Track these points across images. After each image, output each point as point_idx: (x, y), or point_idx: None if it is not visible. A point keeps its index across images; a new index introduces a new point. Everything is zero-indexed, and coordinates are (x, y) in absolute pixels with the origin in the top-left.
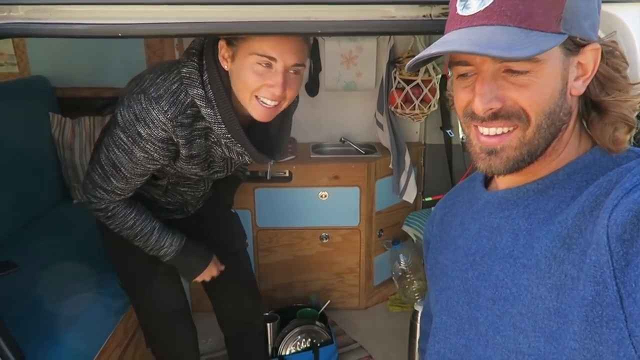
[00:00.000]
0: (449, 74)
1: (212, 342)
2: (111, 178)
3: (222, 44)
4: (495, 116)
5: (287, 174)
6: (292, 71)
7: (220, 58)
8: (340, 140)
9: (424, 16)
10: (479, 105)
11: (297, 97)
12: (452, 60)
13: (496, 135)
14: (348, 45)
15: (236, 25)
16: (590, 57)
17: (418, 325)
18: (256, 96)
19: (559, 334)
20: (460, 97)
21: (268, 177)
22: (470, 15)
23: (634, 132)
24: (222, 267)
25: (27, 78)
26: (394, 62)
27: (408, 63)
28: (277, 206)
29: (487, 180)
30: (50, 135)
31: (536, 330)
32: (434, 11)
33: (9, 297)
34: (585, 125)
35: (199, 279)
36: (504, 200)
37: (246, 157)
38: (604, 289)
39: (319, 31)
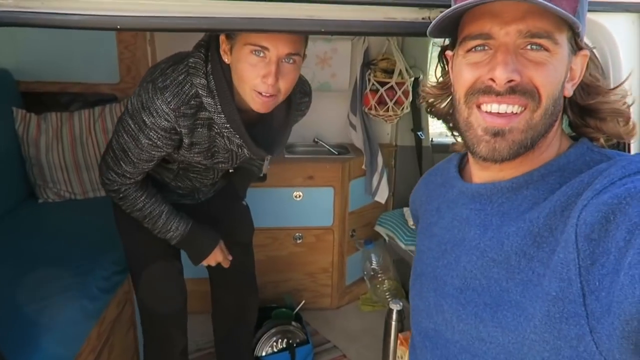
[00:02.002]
0: (449, 55)
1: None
2: (121, 162)
3: (222, 38)
4: (512, 90)
5: (261, 174)
6: (286, 61)
7: (221, 52)
8: (314, 140)
9: (422, 18)
10: (502, 73)
11: (310, 97)
12: (469, 34)
13: (505, 114)
14: (323, 46)
15: (239, 22)
16: (579, 63)
17: (393, 324)
18: (254, 89)
19: (515, 326)
20: (468, 73)
21: (261, 174)
22: None
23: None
24: (230, 257)
25: None
26: (368, 64)
27: (433, 22)
28: (251, 206)
29: (462, 169)
30: (14, 131)
31: (494, 320)
32: (433, 14)
33: None
34: (569, 129)
35: (204, 262)
36: (477, 194)
37: (245, 150)
38: (569, 286)
39: (322, 30)
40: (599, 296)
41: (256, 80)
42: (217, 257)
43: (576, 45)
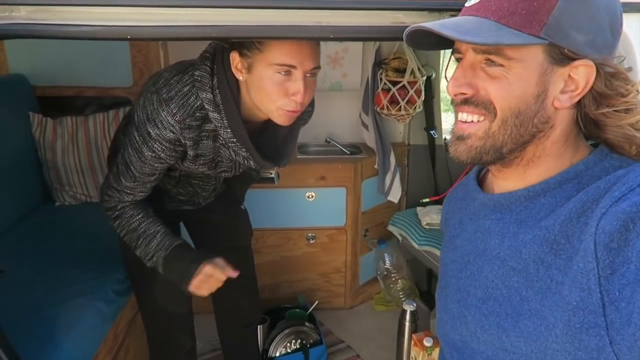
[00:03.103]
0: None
1: (200, 344)
2: (121, 177)
3: (234, 55)
4: (466, 101)
5: (273, 175)
6: (309, 75)
7: (233, 69)
8: (326, 140)
9: None
10: (450, 88)
11: (313, 105)
12: (454, 48)
13: (467, 122)
14: (334, 46)
15: (247, 29)
16: (582, 73)
17: (407, 324)
18: (281, 108)
19: (537, 336)
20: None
21: (276, 183)
22: (469, 6)
23: None
24: (230, 271)
25: (5, 76)
26: (379, 63)
27: (406, 31)
28: (264, 207)
29: (481, 180)
30: (31, 135)
31: (516, 330)
32: (443, 17)
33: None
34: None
35: (192, 288)
36: (497, 203)
37: (251, 162)
38: (589, 296)
39: (331, 36)
40: (619, 307)
41: (284, 98)
42: (210, 282)
43: (566, 56)
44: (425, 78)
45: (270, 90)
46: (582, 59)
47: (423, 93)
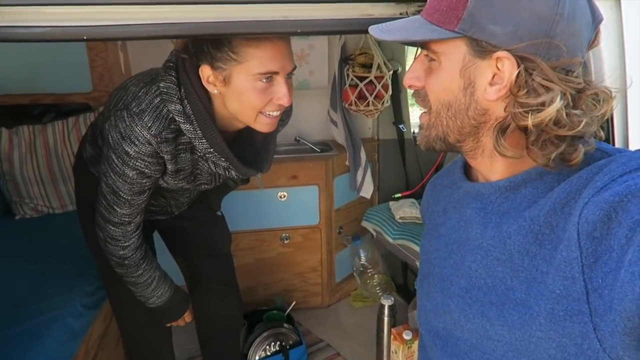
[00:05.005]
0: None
1: (177, 353)
2: (114, 206)
3: (204, 69)
4: (416, 94)
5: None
6: (288, 77)
7: (205, 83)
8: (295, 139)
9: (400, 14)
10: (404, 79)
11: (291, 106)
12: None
13: (422, 112)
14: (300, 43)
15: (211, 26)
16: (505, 66)
17: (386, 319)
18: (261, 112)
19: (521, 324)
20: None
21: (261, 187)
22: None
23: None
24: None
25: None
26: (346, 59)
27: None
28: (237, 209)
29: (468, 169)
30: None
31: (500, 319)
32: (410, 9)
33: None
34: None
35: (174, 323)
36: (479, 193)
37: (232, 172)
38: (572, 284)
39: (299, 30)
40: (602, 294)
41: (268, 103)
42: (187, 318)
43: (485, 48)
44: (392, 72)
45: (254, 99)
46: (498, 50)
47: (390, 88)
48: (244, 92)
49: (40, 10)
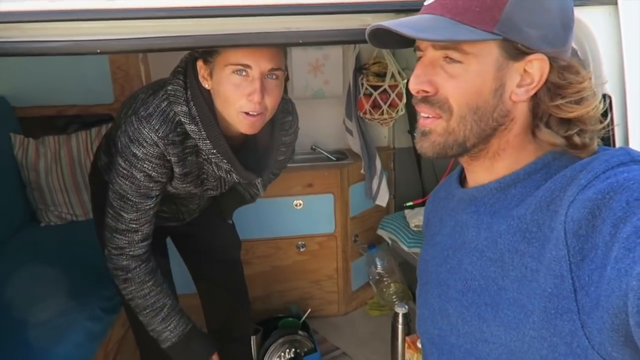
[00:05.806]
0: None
1: None
2: (121, 212)
3: (200, 64)
4: (425, 100)
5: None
6: (269, 77)
7: (200, 78)
8: (311, 148)
9: None
10: (411, 85)
11: (293, 115)
12: (415, 46)
13: (428, 117)
14: (315, 53)
15: (217, 38)
16: (536, 67)
17: (400, 327)
18: (242, 111)
19: (516, 324)
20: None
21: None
22: (427, 5)
23: (597, 133)
24: None
25: None
26: (360, 68)
27: (367, 29)
28: (252, 217)
29: (463, 178)
30: (13, 156)
31: (496, 320)
32: None
33: None
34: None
35: None
36: (472, 197)
37: (234, 175)
38: (561, 282)
39: (300, 41)
40: (589, 291)
41: (242, 100)
42: None
43: (520, 50)
44: (406, 81)
45: (229, 92)
46: (535, 53)
47: (405, 96)
48: (220, 84)
49: (57, 26)
